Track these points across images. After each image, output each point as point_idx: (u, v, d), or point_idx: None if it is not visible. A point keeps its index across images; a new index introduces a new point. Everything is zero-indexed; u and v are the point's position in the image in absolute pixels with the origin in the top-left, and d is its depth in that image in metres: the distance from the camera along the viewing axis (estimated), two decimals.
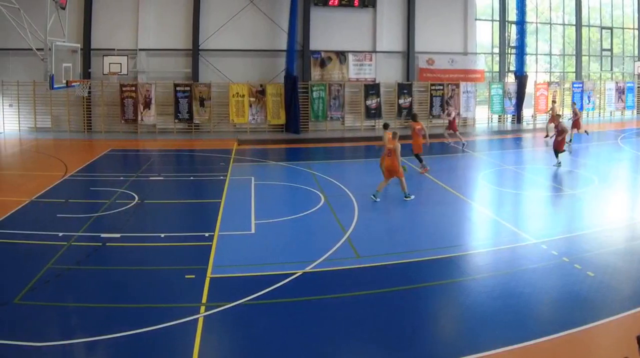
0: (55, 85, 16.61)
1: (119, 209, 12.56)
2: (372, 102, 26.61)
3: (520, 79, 28.80)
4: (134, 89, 24.47)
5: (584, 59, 32.61)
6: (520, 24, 28.42)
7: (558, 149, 17.37)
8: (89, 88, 22.23)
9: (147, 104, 24.62)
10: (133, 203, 13.06)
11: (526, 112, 29.84)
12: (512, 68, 29.56)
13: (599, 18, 32.64)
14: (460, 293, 8.32)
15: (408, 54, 27.56)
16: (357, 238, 10.68)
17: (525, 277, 8.76)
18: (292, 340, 6.88)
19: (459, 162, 19.75)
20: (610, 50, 32.96)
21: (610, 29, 32.75)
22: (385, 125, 15.79)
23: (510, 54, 29.70)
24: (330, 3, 25.94)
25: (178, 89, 24.70)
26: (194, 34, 24.96)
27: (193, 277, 8.69)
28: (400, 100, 27.03)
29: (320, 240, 10.62)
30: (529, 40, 29.42)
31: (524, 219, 12.53)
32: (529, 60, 29.97)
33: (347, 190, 14.43)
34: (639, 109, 33.12)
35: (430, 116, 26.13)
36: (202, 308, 7.63)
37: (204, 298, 7.96)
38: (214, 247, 10.13)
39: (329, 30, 26.33)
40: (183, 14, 25.07)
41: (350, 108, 26.67)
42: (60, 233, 10.62)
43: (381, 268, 9.28)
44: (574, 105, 24.51)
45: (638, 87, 32.85)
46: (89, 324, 7.19)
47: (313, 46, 26.22)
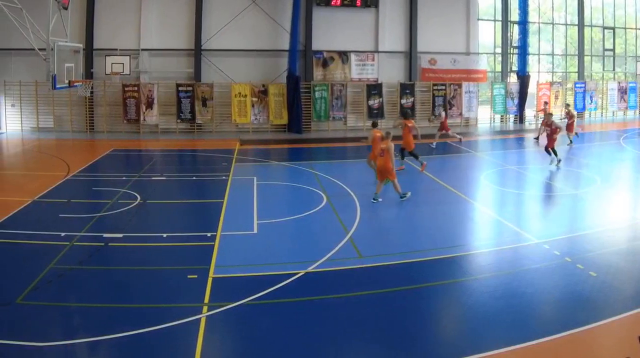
0: (57, 85, 16.60)
1: (122, 209, 12.57)
2: (375, 102, 26.60)
3: (523, 79, 28.79)
4: (136, 89, 24.49)
5: (587, 59, 32.53)
6: (523, 23, 28.38)
7: (551, 147, 17.31)
8: (92, 88, 22.23)
9: (150, 104, 24.65)
10: (135, 204, 13.07)
11: (528, 113, 29.84)
12: (515, 68, 29.51)
13: (601, 18, 32.59)
14: (462, 293, 8.32)
15: (410, 54, 27.53)
16: (360, 238, 10.68)
17: (527, 277, 8.75)
18: (295, 340, 6.88)
19: (461, 162, 19.75)
20: (613, 50, 32.88)
21: (613, 28, 32.68)
22: (374, 124, 15.94)
23: (513, 54, 29.64)
24: (332, 3, 25.92)
25: (180, 89, 24.72)
26: (196, 33, 24.98)
27: (195, 277, 8.69)
28: (403, 100, 27.01)
29: (323, 240, 10.63)
30: (532, 40, 29.37)
31: (526, 219, 12.53)
32: (532, 60, 29.93)
33: (350, 190, 14.43)
34: None
35: (433, 116, 26.10)
36: (205, 308, 7.64)
37: (206, 298, 7.96)
38: (217, 247, 10.13)
39: (332, 30, 26.32)
40: (185, 14, 25.09)
41: (352, 108, 26.66)
42: (63, 233, 10.63)
43: (383, 268, 9.27)
44: (568, 106, 23.95)
45: None
46: (91, 324, 7.20)
47: (315, 46, 26.21)
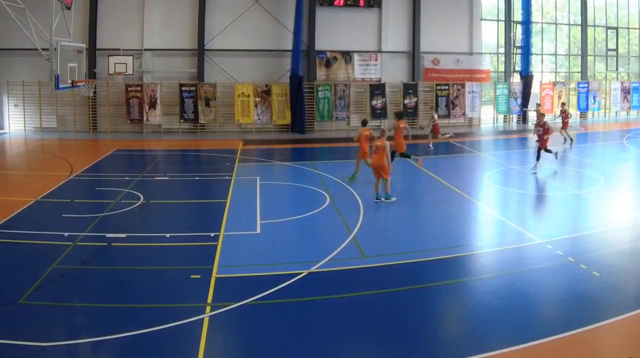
0: (60, 85, 16.64)
1: (125, 209, 12.58)
2: (378, 102, 26.61)
3: (526, 79, 28.76)
4: (139, 89, 24.52)
5: (590, 58, 32.49)
6: (526, 24, 28.35)
7: (544, 148, 17.17)
8: (95, 88, 22.26)
9: (153, 104, 24.68)
10: (138, 203, 13.08)
11: (532, 113, 29.73)
12: (518, 68, 29.49)
13: (604, 18, 32.54)
14: (465, 293, 8.30)
15: (413, 54, 27.53)
16: (363, 238, 10.67)
17: (530, 277, 8.73)
18: (298, 340, 6.88)
19: (464, 162, 19.74)
20: (616, 50, 32.85)
21: (616, 29, 32.63)
22: (364, 122, 15.97)
23: (516, 54, 29.61)
24: (335, 3, 25.94)
25: (183, 89, 24.75)
26: (199, 33, 25.01)
27: (198, 277, 8.69)
28: (406, 100, 27.01)
29: (326, 240, 10.63)
30: (535, 40, 29.38)
31: (529, 219, 12.52)
32: (535, 60, 29.93)
33: (353, 190, 14.43)
34: None
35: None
36: (208, 308, 7.64)
37: (209, 298, 7.96)
38: (220, 247, 10.13)
39: (335, 30, 26.33)
40: (188, 14, 25.14)
41: (355, 108, 26.67)
42: (66, 233, 10.64)
43: (387, 268, 9.26)
44: (564, 105, 23.76)
45: None
46: (94, 324, 7.21)
47: (318, 46, 26.24)
